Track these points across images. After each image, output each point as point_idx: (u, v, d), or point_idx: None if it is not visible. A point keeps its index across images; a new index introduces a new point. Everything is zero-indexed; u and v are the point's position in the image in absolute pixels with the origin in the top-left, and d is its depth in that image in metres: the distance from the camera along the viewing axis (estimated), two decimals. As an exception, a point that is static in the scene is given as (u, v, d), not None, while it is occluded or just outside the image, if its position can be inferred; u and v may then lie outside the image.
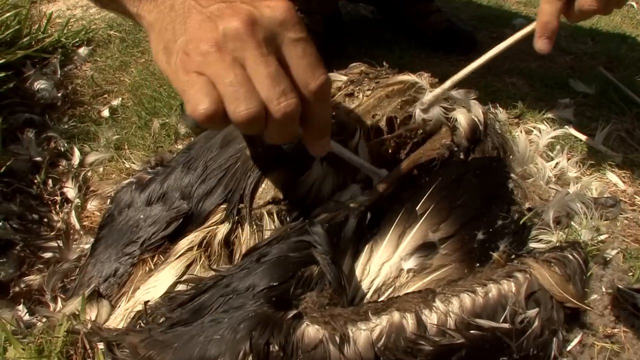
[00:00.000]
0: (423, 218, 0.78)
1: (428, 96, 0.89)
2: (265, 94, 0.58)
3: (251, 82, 0.58)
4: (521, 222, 0.87)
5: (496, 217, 0.84)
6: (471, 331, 0.67)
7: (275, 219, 0.79)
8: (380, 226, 0.79)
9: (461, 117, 0.90)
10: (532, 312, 0.71)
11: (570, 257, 0.78)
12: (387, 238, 0.77)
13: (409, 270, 0.75)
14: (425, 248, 0.76)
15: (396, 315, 0.66)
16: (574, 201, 0.95)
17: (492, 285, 0.71)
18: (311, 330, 0.63)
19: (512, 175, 0.96)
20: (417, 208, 0.79)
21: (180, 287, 0.75)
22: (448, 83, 0.89)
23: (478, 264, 0.78)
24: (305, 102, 0.61)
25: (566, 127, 1.29)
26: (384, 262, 0.76)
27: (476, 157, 0.90)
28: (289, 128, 0.61)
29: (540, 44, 0.95)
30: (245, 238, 0.78)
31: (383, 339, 0.64)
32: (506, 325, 0.69)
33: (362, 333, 0.64)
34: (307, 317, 0.64)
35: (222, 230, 0.78)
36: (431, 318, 0.67)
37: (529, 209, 0.93)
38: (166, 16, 0.63)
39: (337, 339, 0.63)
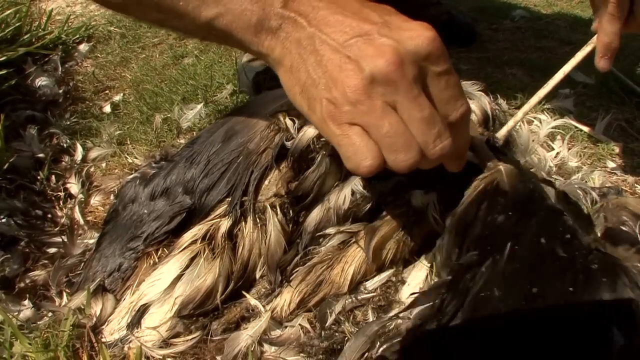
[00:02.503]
0: None
1: (502, 131, 0.87)
2: (422, 138, 0.57)
3: (406, 129, 0.57)
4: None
5: None
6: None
7: (278, 212, 0.79)
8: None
9: (474, 106, 0.90)
10: None
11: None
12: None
13: None
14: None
15: None
16: (574, 189, 0.96)
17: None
18: None
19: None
20: None
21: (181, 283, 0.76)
22: (519, 114, 0.88)
23: None
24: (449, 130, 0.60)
25: (566, 117, 1.29)
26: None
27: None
28: (449, 162, 0.63)
29: (603, 64, 0.90)
30: (249, 231, 0.78)
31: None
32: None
33: None
34: None
35: (226, 223, 0.79)
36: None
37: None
38: (294, 53, 0.60)
39: None
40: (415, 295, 0.69)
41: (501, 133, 0.86)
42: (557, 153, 1.15)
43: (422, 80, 0.57)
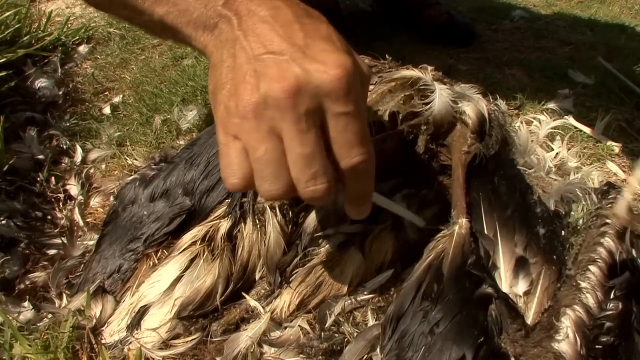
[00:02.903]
0: (499, 240, 0.78)
1: (621, 206, 0.86)
2: (295, 174, 0.55)
3: (283, 158, 0.55)
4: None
5: (534, 206, 0.84)
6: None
7: (278, 213, 0.79)
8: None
9: (469, 110, 0.90)
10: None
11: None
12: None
13: (525, 294, 0.74)
14: (522, 266, 0.76)
15: (573, 312, 0.67)
16: (573, 189, 0.96)
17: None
18: None
19: (517, 160, 0.97)
20: (485, 232, 0.79)
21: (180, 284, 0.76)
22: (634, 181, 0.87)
23: (555, 256, 0.78)
24: (341, 174, 0.58)
25: (566, 117, 1.29)
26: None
27: (486, 156, 0.89)
28: (319, 202, 0.60)
29: None
30: (248, 232, 0.78)
31: (579, 337, 0.65)
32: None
33: (562, 344, 0.65)
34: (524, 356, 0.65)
35: (225, 224, 0.79)
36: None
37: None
38: (219, 52, 0.60)
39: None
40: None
41: (621, 209, 0.84)
42: (557, 153, 1.15)
43: (318, 116, 0.55)
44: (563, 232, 0.84)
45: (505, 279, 0.74)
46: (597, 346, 0.65)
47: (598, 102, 1.39)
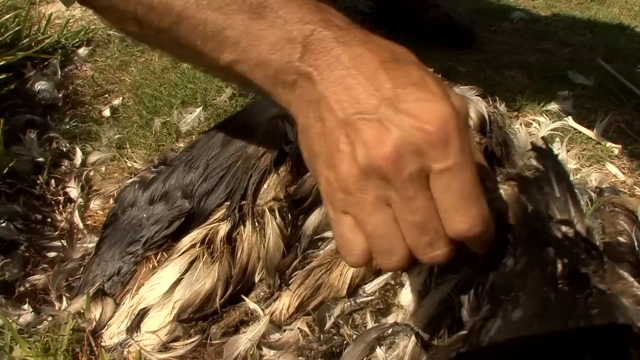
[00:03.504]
0: (571, 206, 0.76)
1: None
2: (411, 242, 0.51)
3: (395, 229, 0.51)
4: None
5: None
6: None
7: (277, 215, 0.79)
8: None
9: (469, 111, 0.90)
10: None
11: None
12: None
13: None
14: (590, 232, 0.73)
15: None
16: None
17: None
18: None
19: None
20: (557, 196, 0.76)
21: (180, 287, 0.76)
22: None
23: None
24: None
25: (565, 119, 1.29)
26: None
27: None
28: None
29: None
30: (247, 235, 0.79)
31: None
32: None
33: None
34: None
35: (224, 227, 0.79)
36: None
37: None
38: (304, 114, 0.55)
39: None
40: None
41: None
42: (556, 155, 1.15)
43: (424, 177, 0.50)
44: None
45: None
46: None
47: (597, 103, 1.39)
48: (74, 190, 1.07)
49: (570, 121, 1.29)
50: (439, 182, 0.50)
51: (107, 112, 1.34)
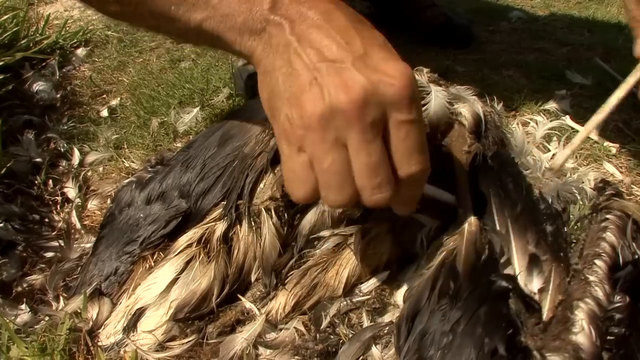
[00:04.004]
0: (512, 237, 0.78)
1: (558, 160, 0.86)
2: (360, 182, 0.56)
3: (348, 168, 0.56)
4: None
5: (538, 203, 0.84)
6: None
7: (273, 215, 0.79)
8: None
9: (465, 111, 0.90)
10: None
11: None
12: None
13: (539, 291, 0.73)
14: (535, 263, 0.75)
15: (585, 305, 0.67)
16: (570, 189, 0.96)
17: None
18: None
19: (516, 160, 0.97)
20: (498, 228, 0.78)
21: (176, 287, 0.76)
22: (577, 141, 0.88)
23: (562, 253, 0.77)
24: (396, 178, 0.58)
25: (563, 118, 1.29)
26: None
27: (489, 155, 0.89)
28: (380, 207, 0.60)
29: None
30: (244, 234, 0.79)
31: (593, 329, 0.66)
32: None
33: (579, 337, 0.65)
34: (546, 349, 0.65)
35: (221, 227, 0.79)
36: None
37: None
38: (270, 57, 0.59)
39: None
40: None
41: (557, 163, 0.85)
42: (554, 154, 1.15)
43: (382, 124, 0.55)
44: (565, 229, 0.85)
45: (520, 277, 0.74)
46: (609, 337, 0.66)
47: (595, 102, 1.38)
48: (71, 191, 1.07)
49: (568, 120, 1.29)
50: (399, 131, 0.55)
51: (104, 113, 1.34)
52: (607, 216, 0.78)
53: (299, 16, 0.57)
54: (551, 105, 1.34)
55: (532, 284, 0.73)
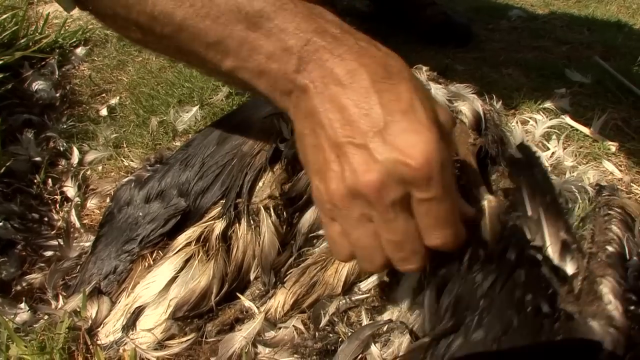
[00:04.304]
0: (544, 222, 0.78)
1: None
2: (390, 254, 0.58)
3: (376, 240, 0.57)
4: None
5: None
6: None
7: (272, 213, 0.79)
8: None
9: (465, 109, 0.90)
10: None
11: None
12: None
13: (572, 276, 0.72)
14: (567, 248, 0.74)
15: (608, 281, 0.67)
16: (570, 187, 0.96)
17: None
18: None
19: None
20: (530, 214, 0.77)
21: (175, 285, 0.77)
22: None
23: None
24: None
25: (562, 116, 1.29)
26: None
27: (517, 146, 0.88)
28: None
29: None
30: (242, 233, 0.79)
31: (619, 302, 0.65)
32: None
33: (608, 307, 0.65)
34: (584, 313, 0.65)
35: (220, 225, 0.79)
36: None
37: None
38: (300, 123, 0.59)
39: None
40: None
41: None
42: (553, 153, 1.15)
43: (406, 201, 0.55)
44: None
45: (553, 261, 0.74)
46: (630, 314, 0.66)
47: (595, 101, 1.39)
48: (70, 190, 1.07)
49: (567, 119, 1.29)
50: (420, 207, 0.55)
51: (104, 112, 1.34)
52: (609, 211, 0.79)
53: (322, 79, 0.56)
54: (550, 104, 1.34)
55: (566, 269, 0.73)
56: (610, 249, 0.73)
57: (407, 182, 0.53)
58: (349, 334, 0.73)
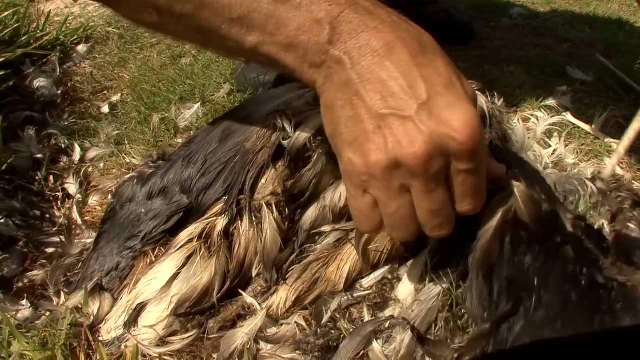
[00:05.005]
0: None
1: (608, 169, 0.88)
2: (423, 220, 0.59)
3: (412, 210, 0.58)
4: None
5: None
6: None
7: (274, 210, 0.79)
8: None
9: (600, 175, 0.91)
10: None
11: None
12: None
13: None
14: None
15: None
16: (572, 181, 0.96)
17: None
18: None
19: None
20: None
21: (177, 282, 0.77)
22: (621, 150, 0.89)
23: None
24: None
25: (564, 114, 1.29)
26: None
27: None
28: None
29: None
30: (245, 229, 0.79)
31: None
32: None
33: None
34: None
35: (222, 222, 0.79)
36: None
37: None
38: (332, 94, 0.58)
39: None
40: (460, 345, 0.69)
41: (606, 173, 0.87)
42: (554, 150, 1.15)
43: (445, 171, 0.56)
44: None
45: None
46: None
47: (596, 98, 1.39)
48: (72, 186, 1.07)
49: (568, 116, 1.28)
50: (459, 177, 0.56)
51: (105, 109, 1.34)
52: (621, 193, 0.80)
53: (359, 50, 0.55)
54: (552, 101, 1.33)
55: None
56: (632, 225, 0.74)
57: (451, 154, 0.54)
58: (351, 330, 0.73)
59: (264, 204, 0.79)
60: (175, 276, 0.77)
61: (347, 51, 0.56)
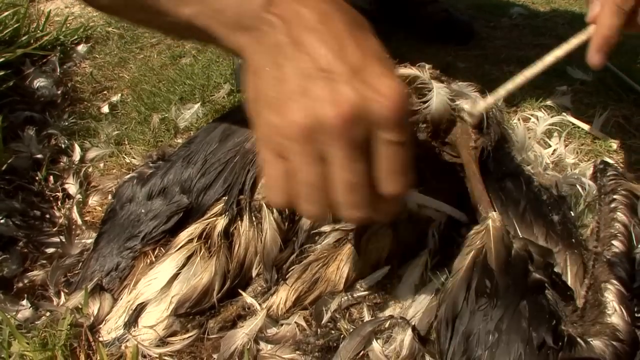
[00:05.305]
0: (519, 235, 0.79)
1: (479, 106, 0.87)
2: (337, 198, 0.55)
3: (323, 185, 0.54)
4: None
5: (540, 195, 0.86)
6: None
7: (274, 210, 0.79)
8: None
9: (467, 107, 0.90)
10: None
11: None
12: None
13: None
14: (548, 255, 0.76)
15: (612, 287, 0.70)
16: (572, 180, 0.96)
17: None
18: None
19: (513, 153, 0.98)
20: None
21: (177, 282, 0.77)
22: (502, 92, 0.87)
23: (573, 239, 0.79)
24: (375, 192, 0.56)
25: (564, 114, 1.29)
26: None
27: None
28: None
29: (597, 59, 0.83)
30: (245, 229, 0.79)
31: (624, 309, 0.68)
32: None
33: (613, 318, 0.67)
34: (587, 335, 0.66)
35: (222, 222, 0.79)
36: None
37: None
38: (260, 57, 0.56)
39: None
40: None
41: (479, 108, 0.86)
42: (554, 150, 1.15)
43: (368, 142, 0.53)
44: (572, 213, 0.87)
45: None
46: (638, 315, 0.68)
47: (596, 98, 1.39)
48: (72, 187, 1.07)
49: (568, 116, 1.28)
50: (386, 150, 0.53)
51: (105, 109, 1.34)
52: (615, 196, 0.79)
53: (294, 16, 0.54)
54: (552, 101, 1.33)
55: None
56: (615, 243, 0.73)
57: (378, 122, 0.52)
58: (351, 330, 0.73)
59: (264, 204, 0.79)
60: (175, 276, 0.77)
61: (282, 16, 0.55)
